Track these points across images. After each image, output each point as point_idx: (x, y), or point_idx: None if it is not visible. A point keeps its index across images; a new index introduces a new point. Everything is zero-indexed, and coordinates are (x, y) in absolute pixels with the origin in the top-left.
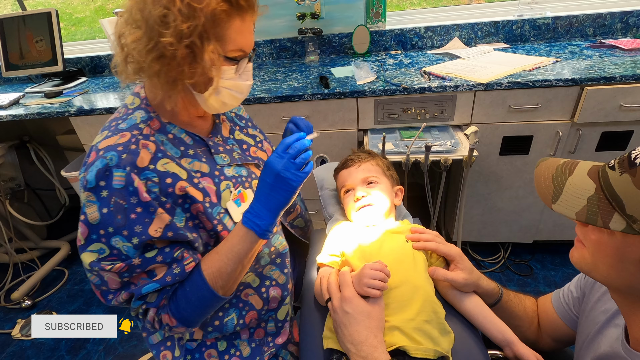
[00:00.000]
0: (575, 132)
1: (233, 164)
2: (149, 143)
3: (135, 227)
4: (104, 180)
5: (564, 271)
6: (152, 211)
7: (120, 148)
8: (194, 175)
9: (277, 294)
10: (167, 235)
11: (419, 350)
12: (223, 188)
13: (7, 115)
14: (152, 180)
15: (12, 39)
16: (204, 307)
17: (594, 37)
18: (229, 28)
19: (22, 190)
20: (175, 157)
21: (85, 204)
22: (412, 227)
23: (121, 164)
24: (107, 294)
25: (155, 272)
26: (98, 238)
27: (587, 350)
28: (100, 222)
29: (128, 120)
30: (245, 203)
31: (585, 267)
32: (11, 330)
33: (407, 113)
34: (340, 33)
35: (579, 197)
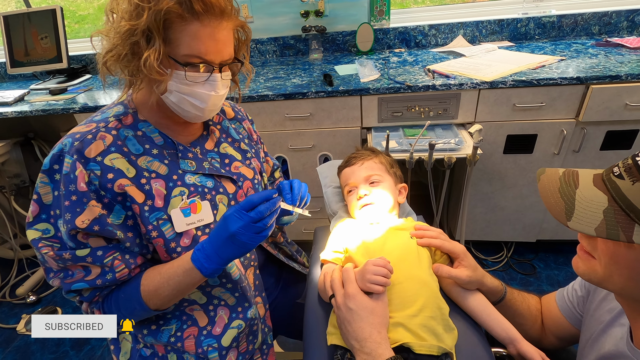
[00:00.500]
0: (580, 131)
1: (198, 172)
2: (107, 135)
3: (66, 214)
4: (57, 164)
5: (567, 270)
6: (85, 202)
7: (78, 136)
8: (145, 175)
9: (225, 314)
10: (92, 228)
11: (423, 347)
12: (175, 194)
13: (12, 111)
14: (94, 172)
15: (17, 36)
16: (134, 316)
17: (599, 36)
18: (182, 31)
19: (26, 186)
20: (132, 153)
21: (39, 184)
22: (416, 224)
23: (70, 151)
24: (48, 272)
25: (90, 268)
26: (47, 218)
27: (591, 349)
28: (52, 203)
29: (105, 112)
30: (196, 215)
31: (595, 279)
32: (16, 325)
33: (411, 111)
34: (344, 31)
35: (594, 210)
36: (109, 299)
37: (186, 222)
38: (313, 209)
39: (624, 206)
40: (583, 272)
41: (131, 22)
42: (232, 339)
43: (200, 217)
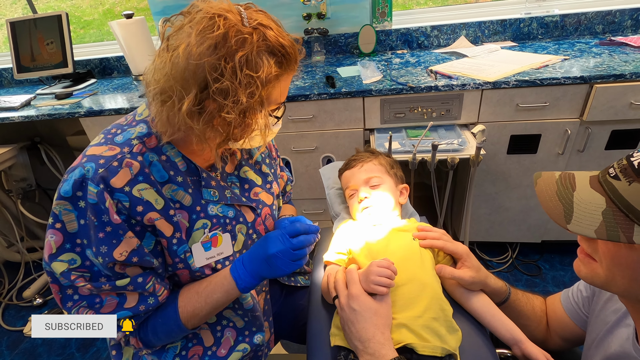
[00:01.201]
0: (585, 131)
1: (221, 202)
2: (133, 162)
3: (101, 247)
4: (81, 191)
5: (573, 271)
6: (121, 234)
7: (102, 161)
8: (172, 206)
9: (232, 336)
10: (131, 260)
11: (426, 348)
12: (197, 227)
13: (19, 116)
14: (122, 203)
15: (23, 42)
16: (171, 338)
17: (603, 35)
18: (276, 88)
19: (33, 190)
20: (157, 182)
21: (62, 212)
22: (419, 225)
23: (95, 179)
24: (67, 301)
25: (126, 295)
26: (72, 247)
27: (597, 349)
28: (78, 231)
29: (125, 132)
30: (216, 248)
31: (598, 281)
32: (23, 328)
33: (413, 112)
34: (346, 33)
35: (592, 212)
36: (146, 325)
37: (206, 256)
38: (316, 210)
39: (622, 207)
40: (585, 275)
41: (247, 91)
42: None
43: (220, 251)
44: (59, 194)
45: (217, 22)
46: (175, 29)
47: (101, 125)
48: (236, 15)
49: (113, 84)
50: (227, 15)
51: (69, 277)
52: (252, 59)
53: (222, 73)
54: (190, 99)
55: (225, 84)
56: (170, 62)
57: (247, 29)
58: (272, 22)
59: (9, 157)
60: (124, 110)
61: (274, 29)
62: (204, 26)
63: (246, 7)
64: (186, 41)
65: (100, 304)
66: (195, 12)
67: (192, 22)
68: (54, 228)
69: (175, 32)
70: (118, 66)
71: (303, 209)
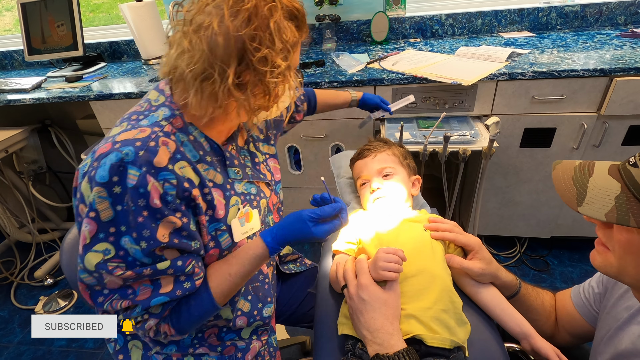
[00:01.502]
0: (602, 125)
1: (244, 180)
2: (169, 141)
3: (144, 231)
4: (118, 176)
5: (582, 268)
6: (159, 218)
7: (139, 144)
8: (206, 184)
9: (243, 322)
10: (173, 241)
11: (435, 340)
12: (232, 203)
13: (30, 98)
14: (169, 182)
15: (34, 24)
16: (204, 319)
17: (625, 26)
18: (296, 52)
19: (43, 172)
20: (192, 160)
21: (96, 199)
22: (430, 217)
23: (137, 162)
24: (97, 296)
25: (160, 281)
26: (106, 237)
27: (607, 346)
28: (113, 219)
29: (150, 117)
30: (249, 224)
31: (611, 271)
32: (34, 307)
33: (425, 102)
34: (359, 20)
35: (605, 197)
36: (178, 309)
37: (242, 231)
38: None
39: (637, 193)
40: (599, 264)
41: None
42: (250, 332)
43: (252, 226)
44: (95, 180)
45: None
46: (196, 9)
47: (111, 109)
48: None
49: (123, 68)
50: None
51: (105, 268)
52: (281, 25)
53: (260, 42)
54: (233, 72)
55: (264, 52)
56: (206, 41)
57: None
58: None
59: (20, 139)
60: (133, 95)
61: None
62: (234, 0)
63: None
64: (217, 17)
65: (133, 294)
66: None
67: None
68: (88, 217)
69: (197, 12)
70: (128, 50)
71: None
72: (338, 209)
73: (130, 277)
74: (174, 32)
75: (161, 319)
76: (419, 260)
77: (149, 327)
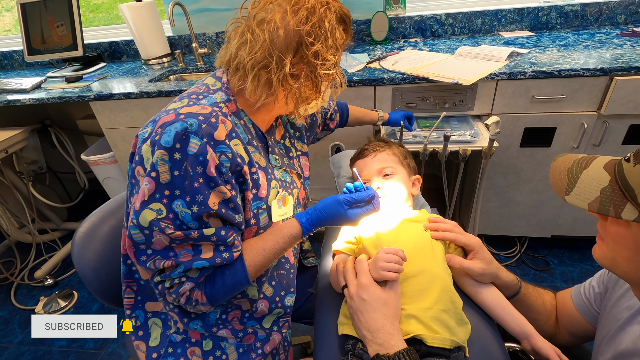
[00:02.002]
0: (602, 125)
1: (282, 167)
2: (226, 121)
3: (197, 196)
4: (180, 143)
5: (582, 267)
6: (212, 186)
7: (202, 118)
8: (254, 164)
9: (265, 306)
10: (221, 210)
11: (435, 340)
12: (272, 186)
13: (29, 98)
14: (225, 155)
15: (34, 24)
16: (235, 292)
17: (625, 25)
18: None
19: (43, 173)
20: (244, 141)
21: (158, 161)
22: (430, 217)
23: (199, 133)
24: (141, 254)
25: (201, 248)
26: (160, 198)
27: (608, 346)
28: (169, 183)
29: (209, 97)
30: (285, 207)
31: (606, 262)
32: (34, 307)
33: (425, 102)
34: (359, 20)
35: (593, 188)
36: (213, 278)
37: (278, 213)
38: None
39: (622, 185)
40: (598, 256)
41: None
42: (272, 322)
43: (287, 210)
44: (160, 144)
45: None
46: (260, 7)
47: (111, 110)
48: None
49: (122, 68)
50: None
51: (158, 225)
52: (334, 25)
53: (315, 38)
54: (289, 61)
55: (318, 47)
56: (268, 33)
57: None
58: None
59: (20, 139)
60: (133, 95)
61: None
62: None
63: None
64: (280, 13)
65: (175, 256)
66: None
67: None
68: (150, 176)
69: (261, 9)
70: (127, 50)
71: (312, 197)
72: (371, 195)
73: (179, 237)
74: (234, 27)
75: (196, 284)
76: (419, 260)
77: (183, 290)
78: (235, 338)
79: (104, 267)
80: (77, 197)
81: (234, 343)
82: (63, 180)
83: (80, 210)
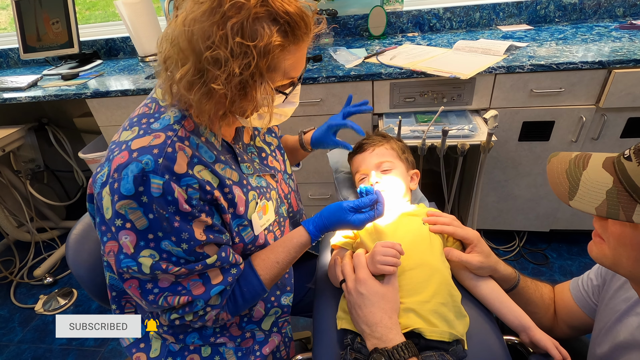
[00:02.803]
0: (600, 118)
1: (255, 174)
2: (184, 146)
3: (182, 234)
4: (142, 186)
5: (580, 261)
6: (191, 219)
7: (156, 151)
8: (226, 184)
9: (261, 307)
10: (209, 237)
11: (434, 333)
12: (250, 198)
13: (25, 96)
14: (192, 187)
15: (29, 21)
16: (256, 301)
17: (623, 18)
18: (283, 61)
19: (41, 171)
20: (209, 162)
21: (128, 211)
22: (429, 211)
23: (158, 171)
24: (148, 294)
25: (208, 274)
26: (146, 244)
27: (605, 337)
28: (148, 227)
29: (161, 120)
30: (265, 216)
31: (606, 262)
32: (34, 306)
33: (423, 97)
34: (356, 14)
35: (597, 191)
36: (234, 296)
37: (260, 224)
38: (323, 195)
39: (628, 187)
40: (596, 255)
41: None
42: (271, 324)
43: (268, 218)
44: (122, 194)
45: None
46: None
47: (108, 107)
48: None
49: (119, 65)
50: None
51: (160, 267)
52: (247, 26)
53: (214, 41)
54: (187, 68)
55: (218, 53)
56: (172, 30)
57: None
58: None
59: (17, 137)
60: (130, 92)
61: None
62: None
63: None
64: (185, 7)
65: (186, 290)
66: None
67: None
68: (125, 229)
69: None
70: (124, 47)
71: (309, 193)
72: (374, 200)
73: (183, 273)
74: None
75: (222, 307)
76: (418, 253)
77: (209, 317)
78: (233, 342)
79: (99, 268)
80: (76, 196)
81: (233, 347)
82: (61, 178)
83: (79, 208)
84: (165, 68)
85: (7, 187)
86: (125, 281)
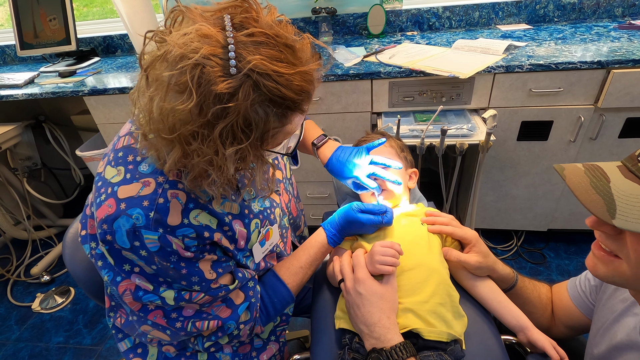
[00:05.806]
0: (599, 118)
1: (257, 197)
2: (178, 192)
3: (192, 278)
4: (137, 240)
5: (578, 260)
6: (196, 261)
7: (146, 203)
8: (225, 222)
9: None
10: (218, 271)
11: (432, 333)
12: (252, 229)
13: (22, 94)
14: (188, 237)
15: (26, 18)
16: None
17: (622, 18)
18: (280, 134)
19: (38, 169)
20: (206, 202)
21: (134, 259)
22: (427, 211)
23: (151, 226)
24: (175, 322)
25: (231, 297)
26: (160, 284)
27: (603, 338)
28: (156, 273)
29: (149, 158)
30: (268, 241)
31: (620, 280)
32: (31, 304)
33: (422, 96)
34: (355, 13)
35: (637, 205)
36: (265, 308)
37: (262, 251)
38: (321, 194)
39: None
40: (605, 274)
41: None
42: (269, 332)
43: (272, 242)
44: (120, 246)
45: (190, 77)
46: (151, 59)
47: (105, 105)
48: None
49: (117, 63)
50: (205, 62)
51: (183, 299)
52: (238, 128)
53: (202, 141)
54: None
55: (206, 152)
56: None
57: (231, 81)
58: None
59: (14, 135)
60: (128, 90)
61: (277, 70)
62: (175, 82)
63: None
64: (158, 96)
65: (212, 315)
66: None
67: (165, 59)
68: (135, 273)
69: (150, 65)
70: (122, 44)
71: (308, 192)
72: (383, 209)
73: (207, 301)
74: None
75: (254, 321)
76: (416, 253)
77: (244, 334)
78: (230, 348)
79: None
80: (73, 193)
81: (230, 353)
82: (58, 176)
83: (76, 206)
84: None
85: (4, 184)
86: (150, 312)
